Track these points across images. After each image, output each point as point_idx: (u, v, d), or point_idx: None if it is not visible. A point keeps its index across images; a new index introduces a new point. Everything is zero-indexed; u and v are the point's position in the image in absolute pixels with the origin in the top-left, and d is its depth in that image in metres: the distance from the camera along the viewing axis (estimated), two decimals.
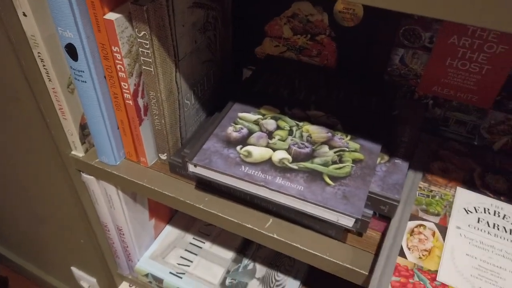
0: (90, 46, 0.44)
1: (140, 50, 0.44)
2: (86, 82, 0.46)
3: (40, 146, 0.60)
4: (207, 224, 0.82)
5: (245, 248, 0.78)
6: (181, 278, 0.72)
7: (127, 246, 0.70)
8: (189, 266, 0.74)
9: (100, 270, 0.81)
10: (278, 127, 0.49)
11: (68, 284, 1.02)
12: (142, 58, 0.45)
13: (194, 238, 0.79)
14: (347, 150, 0.46)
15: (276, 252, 0.77)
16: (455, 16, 0.24)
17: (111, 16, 0.41)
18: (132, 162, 0.56)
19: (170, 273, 0.73)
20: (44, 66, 0.48)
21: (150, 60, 0.44)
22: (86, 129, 0.55)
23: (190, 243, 0.78)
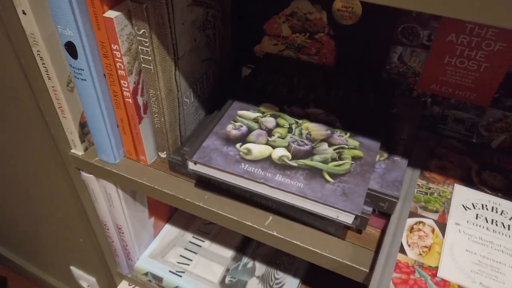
0: (90, 44, 0.44)
1: (139, 48, 0.44)
2: (85, 80, 0.46)
3: (39, 145, 0.60)
4: (207, 222, 0.82)
5: (244, 246, 0.78)
6: (180, 276, 0.73)
7: (127, 245, 0.70)
8: (188, 264, 0.75)
9: (99, 269, 0.81)
10: (278, 125, 0.49)
11: (67, 283, 1.02)
12: (141, 56, 0.45)
13: (193, 237, 0.79)
14: (347, 147, 0.46)
15: (275, 250, 0.78)
16: (454, 12, 0.24)
17: (111, 14, 0.42)
18: (131, 161, 0.56)
19: (169, 271, 0.73)
20: (43, 64, 0.48)
21: (150, 58, 0.44)
22: (85, 127, 0.55)
23: (190, 242, 0.78)
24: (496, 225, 0.41)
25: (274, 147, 0.46)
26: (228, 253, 0.77)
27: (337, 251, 0.45)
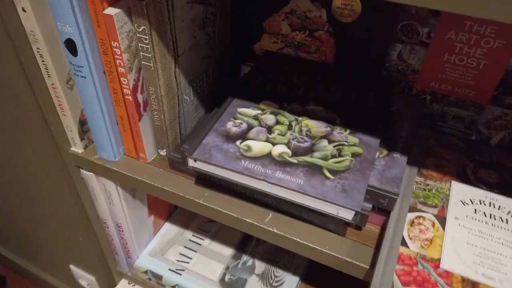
0: (90, 41, 0.44)
1: (139, 45, 0.44)
2: (85, 77, 0.46)
3: (39, 143, 0.60)
4: (206, 221, 0.82)
5: (244, 244, 0.78)
6: (180, 274, 0.73)
7: (126, 243, 0.70)
8: (188, 262, 0.75)
9: (99, 267, 0.81)
10: (278, 122, 0.49)
11: (67, 282, 1.02)
12: (141, 53, 0.45)
13: (193, 235, 0.79)
14: (346, 144, 0.46)
15: (275, 248, 0.78)
16: (454, 7, 0.25)
17: (111, 11, 0.42)
18: (131, 158, 0.56)
19: (169, 269, 0.73)
20: (43, 62, 0.48)
21: (150, 55, 0.44)
22: (85, 125, 0.55)
23: (190, 240, 0.78)
24: (494, 219, 0.42)
25: (274, 144, 0.46)
26: (228, 251, 0.77)
27: (337, 248, 0.45)
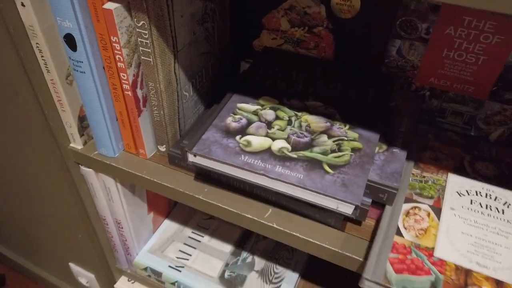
0: (89, 36, 0.44)
1: (139, 40, 0.44)
2: (85, 73, 0.46)
3: (38, 139, 0.60)
4: (206, 217, 0.82)
5: (243, 241, 0.78)
6: (180, 271, 0.73)
7: (126, 240, 0.70)
8: (188, 259, 0.75)
9: (98, 265, 0.81)
10: (277, 117, 0.49)
11: (66, 281, 1.02)
12: (141, 49, 0.45)
13: (192, 232, 0.79)
14: (346, 139, 0.46)
15: (274, 244, 0.78)
16: None
17: (110, 5, 0.42)
18: (131, 154, 0.56)
19: (169, 266, 0.73)
20: (42, 57, 0.48)
21: (149, 50, 0.44)
22: (84, 121, 0.55)
23: (189, 237, 0.78)
24: (490, 209, 0.42)
25: (273, 139, 0.46)
26: (227, 248, 0.77)
27: (336, 243, 0.45)
